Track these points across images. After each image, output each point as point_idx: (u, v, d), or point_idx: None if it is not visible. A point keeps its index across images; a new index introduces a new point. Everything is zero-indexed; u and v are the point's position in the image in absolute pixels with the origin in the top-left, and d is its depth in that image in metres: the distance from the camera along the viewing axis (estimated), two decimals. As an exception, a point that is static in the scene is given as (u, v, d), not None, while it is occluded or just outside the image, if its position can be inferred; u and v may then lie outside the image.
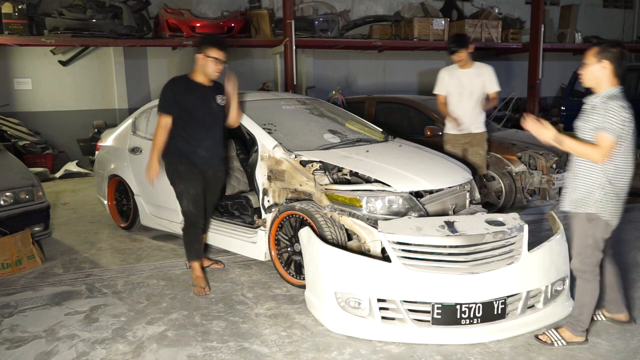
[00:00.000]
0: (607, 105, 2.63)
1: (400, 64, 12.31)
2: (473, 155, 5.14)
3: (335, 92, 8.08)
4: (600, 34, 13.29)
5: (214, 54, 3.63)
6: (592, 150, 2.62)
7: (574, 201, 2.78)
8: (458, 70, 4.98)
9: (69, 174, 9.03)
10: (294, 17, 9.51)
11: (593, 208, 2.72)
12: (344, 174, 3.75)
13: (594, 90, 2.77)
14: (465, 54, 4.87)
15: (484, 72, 4.96)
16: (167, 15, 9.33)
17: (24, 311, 3.49)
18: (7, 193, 4.35)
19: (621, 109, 2.61)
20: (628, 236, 4.88)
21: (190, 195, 3.71)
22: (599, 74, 2.71)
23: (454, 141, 5.12)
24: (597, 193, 2.70)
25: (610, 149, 2.61)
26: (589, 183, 2.71)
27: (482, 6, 12.15)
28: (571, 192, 2.80)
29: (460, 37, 4.99)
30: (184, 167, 3.70)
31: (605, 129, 2.59)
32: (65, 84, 9.96)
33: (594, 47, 2.75)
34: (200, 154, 3.71)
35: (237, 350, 2.92)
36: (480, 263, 2.94)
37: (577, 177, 2.76)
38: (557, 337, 2.87)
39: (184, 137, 3.68)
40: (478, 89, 4.94)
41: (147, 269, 4.28)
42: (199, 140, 3.70)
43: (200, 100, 3.70)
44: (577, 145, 2.67)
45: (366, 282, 2.95)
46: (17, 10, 8.41)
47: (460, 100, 4.97)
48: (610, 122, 2.59)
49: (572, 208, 2.79)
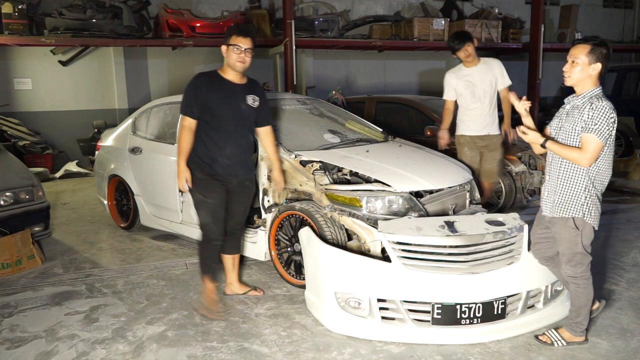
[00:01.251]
0: (594, 105, 2.56)
1: (400, 64, 12.31)
2: (489, 161, 4.72)
3: (335, 92, 8.08)
4: (600, 34, 13.27)
5: (236, 41, 3.22)
6: (579, 153, 2.56)
7: (557, 205, 2.71)
8: (465, 69, 4.61)
9: (69, 174, 9.03)
10: (294, 17, 9.50)
11: (578, 212, 2.66)
12: (344, 174, 3.75)
13: (577, 89, 2.69)
14: (472, 48, 4.48)
15: (494, 66, 4.57)
16: (167, 15, 9.34)
17: (24, 311, 3.49)
18: (7, 193, 4.35)
19: (609, 111, 2.55)
20: (628, 236, 4.88)
21: (208, 205, 3.30)
22: (589, 75, 2.63)
23: (471, 143, 4.69)
24: (581, 196, 2.64)
25: (599, 151, 2.56)
26: (572, 186, 2.66)
27: (482, 6, 12.15)
28: (553, 196, 2.74)
29: (462, 32, 4.66)
30: (203, 174, 3.31)
31: (593, 131, 2.53)
32: (65, 84, 9.96)
33: (583, 45, 2.62)
34: (222, 162, 3.31)
35: (237, 350, 2.92)
36: (480, 263, 2.94)
37: (560, 181, 2.70)
38: (557, 337, 2.87)
39: (204, 142, 3.30)
40: (491, 86, 4.55)
41: (147, 269, 4.28)
42: (222, 147, 3.30)
43: (226, 99, 3.29)
44: (563, 148, 2.61)
45: (366, 282, 2.95)
46: (17, 10, 8.41)
47: (474, 101, 4.58)
48: (599, 124, 2.52)
49: (556, 213, 2.73)
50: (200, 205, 3.33)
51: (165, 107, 4.99)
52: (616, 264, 4.15)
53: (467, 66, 4.59)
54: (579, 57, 2.63)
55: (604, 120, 2.53)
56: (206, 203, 3.31)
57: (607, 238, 4.83)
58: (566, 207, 2.68)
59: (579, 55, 2.63)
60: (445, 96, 4.76)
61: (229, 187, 3.38)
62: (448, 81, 4.72)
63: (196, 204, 3.36)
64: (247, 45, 3.24)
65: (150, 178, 4.87)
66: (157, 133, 4.95)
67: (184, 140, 3.28)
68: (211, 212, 3.31)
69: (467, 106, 4.63)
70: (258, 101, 3.41)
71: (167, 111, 4.93)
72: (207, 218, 3.32)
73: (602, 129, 2.53)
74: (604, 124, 2.53)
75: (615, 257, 4.30)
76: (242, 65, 3.27)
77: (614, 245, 4.61)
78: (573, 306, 2.85)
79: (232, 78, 3.32)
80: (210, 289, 3.43)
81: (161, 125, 4.93)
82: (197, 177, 3.30)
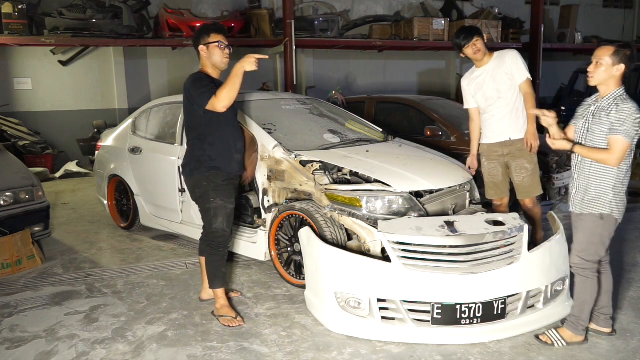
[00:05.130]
0: (619, 107, 2.62)
1: (400, 64, 12.31)
2: (518, 172, 3.93)
3: (335, 92, 8.08)
4: (600, 34, 13.28)
5: (217, 38, 3.18)
6: (607, 155, 2.63)
7: (587, 203, 2.77)
8: (476, 71, 4.02)
9: (69, 174, 9.03)
10: (294, 17, 9.51)
11: (606, 209, 2.73)
12: (344, 174, 3.75)
13: (601, 90, 2.74)
14: (481, 43, 3.87)
15: (506, 59, 3.87)
16: (167, 15, 9.34)
17: (24, 311, 3.49)
18: (7, 193, 4.35)
19: (635, 112, 2.60)
20: (628, 236, 4.88)
21: (228, 211, 3.26)
22: (613, 75, 2.68)
23: (490, 152, 4.01)
24: (610, 194, 2.71)
25: (626, 152, 2.62)
26: (602, 185, 2.72)
27: (482, 6, 12.16)
28: (582, 194, 2.80)
29: (469, 26, 4.03)
30: (223, 180, 3.24)
31: (619, 132, 2.60)
32: (65, 84, 9.96)
33: (607, 47, 2.68)
34: (236, 158, 3.31)
35: (237, 350, 2.92)
36: (480, 263, 2.94)
37: (590, 180, 2.76)
38: (558, 338, 2.87)
39: (217, 145, 3.22)
40: (505, 83, 3.86)
41: (147, 269, 4.28)
42: (233, 144, 3.28)
43: None
44: (591, 151, 2.68)
45: (366, 282, 2.95)
46: (17, 10, 8.41)
47: (488, 104, 3.94)
48: (626, 125, 2.59)
49: (585, 209, 2.79)
50: (219, 211, 3.24)
51: (165, 107, 4.99)
52: (616, 264, 4.14)
53: (478, 66, 4.00)
54: (603, 58, 2.68)
55: (630, 121, 2.59)
56: (226, 209, 3.26)
57: (607, 238, 4.82)
58: (595, 205, 2.75)
59: (603, 56, 2.68)
60: (466, 105, 4.16)
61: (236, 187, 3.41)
62: (463, 88, 4.13)
63: (215, 209, 3.24)
64: (226, 40, 3.22)
65: (150, 178, 4.87)
66: (157, 133, 4.95)
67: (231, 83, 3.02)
68: (228, 218, 3.28)
69: (483, 111, 4.03)
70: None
71: (167, 111, 4.93)
72: (223, 224, 3.26)
73: (628, 129, 2.59)
74: (629, 125, 2.59)
75: (615, 257, 4.28)
76: (227, 61, 3.26)
77: (614, 245, 4.56)
78: (577, 301, 2.86)
79: (216, 77, 3.28)
80: (221, 295, 3.33)
81: (161, 125, 4.93)
82: (217, 184, 3.23)
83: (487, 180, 4.11)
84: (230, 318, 3.22)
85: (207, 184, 3.22)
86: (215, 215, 3.25)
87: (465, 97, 4.13)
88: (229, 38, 3.32)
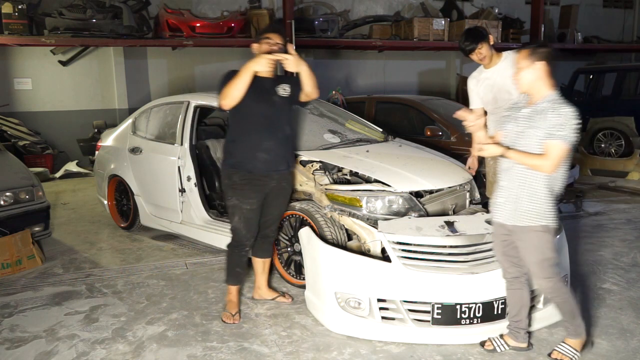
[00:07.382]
0: (558, 111, 2.48)
1: (400, 64, 12.31)
2: None
3: (335, 92, 8.07)
4: (600, 34, 13.28)
5: (269, 36, 3.18)
6: (542, 161, 2.47)
7: (522, 214, 2.58)
8: (485, 71, 3.92)
9: (69, 174, 9.03)
10: (294, 17, 9.50)
11: (543, 220, 2.56)
12: (344, 174, 3.75)
13: (531, 95, 2.61)
14: (486, 49, 3.78)
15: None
16: (167, 15, 9.33)
17: (24, 311, 3.49)
18: (7, 193, 4.35)
19: (573, 116, 2.46)
20: (628, 236, 4.88)
21: (244, 211, 3.23)
22: (535, 76, 2.56)
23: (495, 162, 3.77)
24: (544, 203, 2.55)
25: (563, 158, 2.48)
26: (535, 193, 2.55)
27: (482, 6, 12.15)
28: (513, 204, 2.61)
29: (475, 30, 3.89)
30: (239, 177, 3.21)
31: (558, 137, 2.45)
32: (65, 84, 9.96)
33: (523, 50, 2.59)
34: (260, 158, 3.20)
35: (237, 350, 2.92)
36: (480, 263, 2.94)
37: (523, 188, 2.58)
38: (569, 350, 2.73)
39: (240, 142, 3.21)
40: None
41: (147, 269, 4.28)
42: (258, 143, 3.20)
43: (257, 95, 3.17)
44: (526, 157, 2.51)
45: (366, 282, 2.95)
46: (17, 10, 8.40)
47: (497, 107, 3.87)
48: (565, 130, 2.45)
49: (521, 221, 2.59)
50: (234, 210, 3.25)
51: (165, 107, 4.99)
52: (616, 264, 4.15)
53: (486, 67, 3.93)
54: (520, 62, 2.58)
55: (570, 126, 2.46)
56: (240, 209, 3.24)
57: (607, 238, 4.83)
58: (533, 216, 2.57)
59: (521, 60, 2.58)
60: (471, 105, 4.07)
61: (266, 190, 3.28)
62: (470, 88, 4.07)
63: (231, 208, 3.27)
64: (278, 40, 3.19)
65: (150, 178, 4.88)
66: (157, 133, 4.95)
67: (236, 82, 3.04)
68: (244, 218, 3.25)
69: (491, 112, 3.99)
70: (289, 88, 3.32)
71: (167, 111, 4.93)
72: (240, 223, 3.26)
73: (567, 134, 2.45)
74: (569, 130, 2.46)
75: (615, 257, 4.30)
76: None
77: (614, 245, 4.61)
78: (566, 315, 2.72)
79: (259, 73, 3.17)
80: (233, 292, 3.36)
81: (161, 125, 4.93)
82: (234, 182, 3.22)
83: (490, 179, 4.08)
84: (228, 314, 3.30)
85: (227, 180, 3.26)
86: (232, 214, 3.28)
87: (471, 97, 4.07)
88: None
